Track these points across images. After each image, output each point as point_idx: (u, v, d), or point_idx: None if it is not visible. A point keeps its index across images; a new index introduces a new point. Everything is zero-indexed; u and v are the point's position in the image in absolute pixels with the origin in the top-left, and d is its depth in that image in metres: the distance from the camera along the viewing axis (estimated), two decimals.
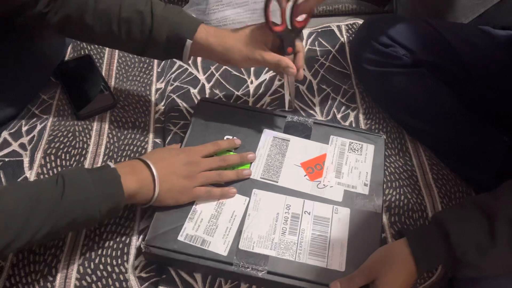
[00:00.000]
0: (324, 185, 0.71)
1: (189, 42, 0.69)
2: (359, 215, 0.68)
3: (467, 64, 0.77)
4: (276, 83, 0.91)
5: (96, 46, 0.95)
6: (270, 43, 0.70)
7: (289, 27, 0.69)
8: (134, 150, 0.79)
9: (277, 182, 0.71)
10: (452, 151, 0.79)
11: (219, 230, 0.66)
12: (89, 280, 0.65)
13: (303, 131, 0.77)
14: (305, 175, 0.72)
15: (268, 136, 0.76)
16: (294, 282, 0.62)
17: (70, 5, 0.68)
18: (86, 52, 0.93)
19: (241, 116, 0.78)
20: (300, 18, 0.69)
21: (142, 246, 0.64)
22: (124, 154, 0.78)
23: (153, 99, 0.88)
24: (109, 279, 0.65)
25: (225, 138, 0.75)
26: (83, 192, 0.56)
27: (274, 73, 0.92)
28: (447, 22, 0.78)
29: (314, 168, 0.73)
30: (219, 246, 0.64)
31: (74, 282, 0.65)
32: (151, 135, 0.82)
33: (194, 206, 0.68)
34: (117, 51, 0.95)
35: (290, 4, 0.68)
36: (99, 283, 0.65)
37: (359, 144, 0.77)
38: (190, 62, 0.93)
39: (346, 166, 0.74)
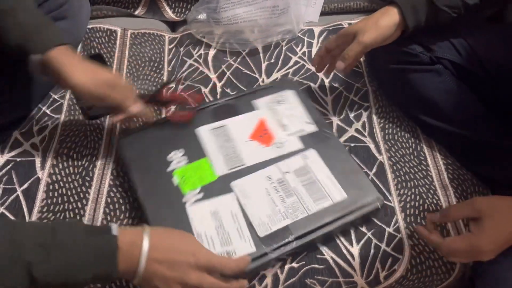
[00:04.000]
0: (280, 143, 0.75)
1: (35, 57, 0.62)
2: (324, 148, 0.74)
3: (485, 62, 0.75)
4: None
5: (107, 45, 0.94)
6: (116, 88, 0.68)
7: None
8: None
9: (244, 164, 0.72)
10: (469, 150, 0.78)
11: (232, 234, 0.65)
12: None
13: (230, 111, 0.79)
14: (261, 145, 0.75)
15: (205, 132, 0.76)
16: (321, 231, 0.66)
17: None
18: (97, 51, 0.93)
19: (169, 130, 0.75)
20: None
21: None
22: None
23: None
24: None
25: (172, 153, 0.72)
26: (73, 257, 0.50)
27: (286, 72, 0.92)
28: (464, 19, 0.77)
29: (262, 135, 0.76)
30: (244, 246, 0.64)
31: None
32: None
33: (193, 231, 0.64)
34: (127, 50, 0.94)
35: None
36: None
37: (280, 95, 0.81)
38: (201, 60, 0.93)
39: (285, 118, 0.78)
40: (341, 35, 0.76)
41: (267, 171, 0.71)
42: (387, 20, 0.73)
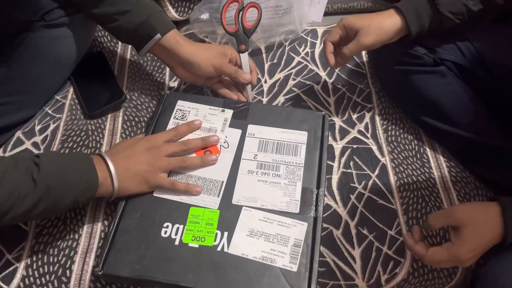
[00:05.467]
0: (225, 142, 0.74)
1: (158, 36, 0.74)
2: (254, 117, 0.77)
3: (489, 63, 0.75)
4: (291, 82, 0.90)
5: (109, 44, 0.94)
6: (228, 58, 0.79)
7: (241, 28, 0.84)
8: None
9: (223, 181, 0.70)
10: (472, 152, 0.77)
11: (281, 232, 0.65)
12: (103, 282, 0.65)
13: None
14: (203, 154, 0.72)
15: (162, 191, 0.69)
16: (323, 167, 0.73)
17: None
18: (98, 49, 0.93)
19: (135, 218, 0.67)
20: (250, 22, 0.85)
21: None
22: None
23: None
24: None
25: (162, 232, 0.64)
26: (58, 164, 0.59)
27: (289, 72, 0.91)
28: (468, 20, 0.76)
29: (205, 148, 0.73)
30: (297, 230, 0.65)
31: (88, 284, 0.65)
32: None
33: (256, 262, 0.62)
34: (129, 50, 0.94)
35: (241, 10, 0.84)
36: (113, 285, 0.65)
37: (177, 112, 0.77)
38: None
39: (204, 123, 0.76)
40: (344, 27, 0.75)
41: (244, 169, 0.71)
42: (391, 24, 0.72)
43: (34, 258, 0.67)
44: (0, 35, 0.77)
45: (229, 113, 0.77)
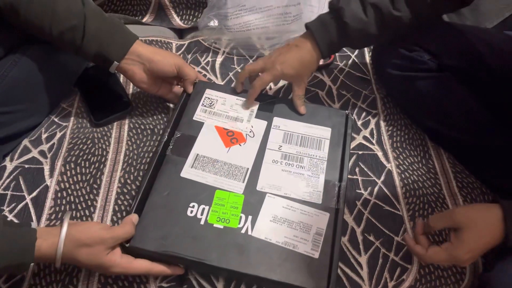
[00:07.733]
0: (250, 131, 0.76)
1: (115, 64, 0.75)
2: (279, 110, 0.79)
3: (492, 69, 0.75)
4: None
5: None
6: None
7: None
8: None
9: (248, 168, 0.71)
10: (477, 157, 0.77)
11: (304, 219, 0.66)
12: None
13: (188, 141, 0.74)
14: (240, 145, 0.74)
15: (190, 173, 0.70)
16: (346, 160, 0.74)
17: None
18: None
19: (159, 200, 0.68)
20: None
21: None
22: (143, 162, 0.78)
23: (172, 105, 0.87)
24: None
25: (188, 212, 0.66)
26: None
27: None
28: (471, 26, 0.77)
29: (232, 137, 0.75)
30: (320, 219, 0.67)
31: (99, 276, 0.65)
32: None
33: (280, 247, 0.63)
34: None
35: None
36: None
37: (205, 99, 0.79)
38: (208, 68, 0.93)
39: (231, 112, 0.78)
40: (274, 80, 0.78)
41: (268, 158, 0.72)
42: (309, 57, 0.77)
43: (42, 266, 0.67)
44: (5, 44, 0.77)
45: (255, 104, 0.79)
